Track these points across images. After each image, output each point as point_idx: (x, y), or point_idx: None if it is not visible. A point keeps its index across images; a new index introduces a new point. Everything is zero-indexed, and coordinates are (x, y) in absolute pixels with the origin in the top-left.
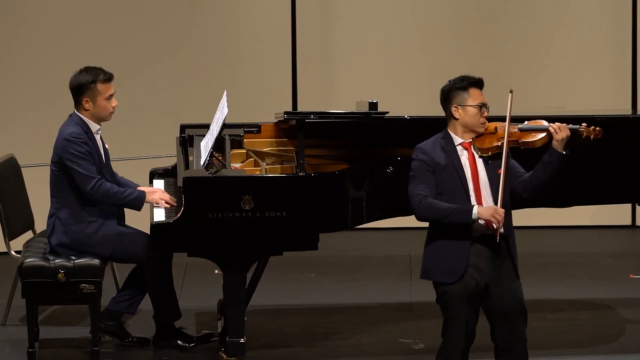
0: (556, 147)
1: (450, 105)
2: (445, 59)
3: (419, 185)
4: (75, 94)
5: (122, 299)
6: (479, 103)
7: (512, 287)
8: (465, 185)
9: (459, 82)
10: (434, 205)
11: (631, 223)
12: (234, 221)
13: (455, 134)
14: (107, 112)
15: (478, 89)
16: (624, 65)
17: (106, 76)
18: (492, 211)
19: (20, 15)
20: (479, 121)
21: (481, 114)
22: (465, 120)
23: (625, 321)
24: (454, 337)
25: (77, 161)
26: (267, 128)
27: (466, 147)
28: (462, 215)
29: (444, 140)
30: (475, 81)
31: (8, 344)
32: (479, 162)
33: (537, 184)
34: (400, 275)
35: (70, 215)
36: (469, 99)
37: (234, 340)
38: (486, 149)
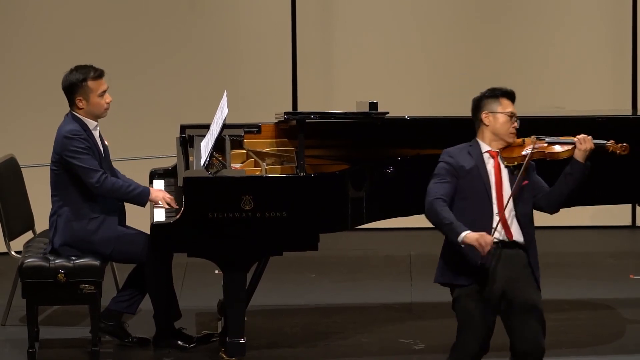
0: (577, 157)
1: (481, 112)
2: (445, 59)
3: (438, 185)
4: (68, 93)
5: (122, 299)
6: (509, 111)
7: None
8: (488, 191)
9: (490, 92)
10: (439, 210)
11: (631, 223)
12: (234, 221)
13: (483, 142)
14: (102, 109)
15: (509, 100)
16: (624, 65)
17: (96, 73)
18: (478, 236)
19: (20, 15)
20: (508, 130)
21: (511, 123)
22: (495, 127)
23: (626, 321)
24: (466, 340)
25: (79, 157)
26: (267, 128)
27: (493, 156)
28: (452, 232)
29: (472, 147)
30: (507, 92)
31: (8, 344)
32: (503, 172)
33: (559, 196)
34: (400, 275)
35: (71, 212)
36: (499, 107)
37: (234, 340)
38: (512, 158)
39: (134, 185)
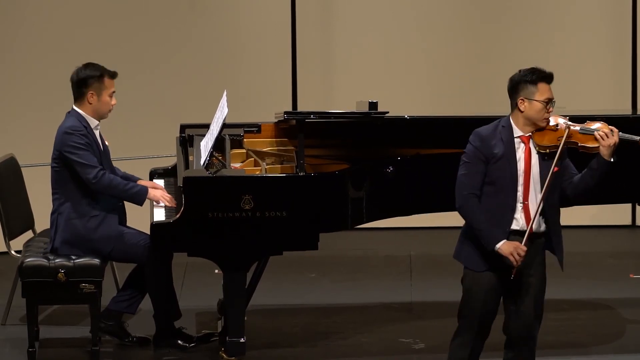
0: (603, 153)
1: (517, 96)
2: (445, 59)
3: (469, 176)
4: (79, 86)
5: (123, 298)
6: (546, 98)
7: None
8: (515, 179)
9: (529, 75)
10: (475, 210)
11: (631, 223)
12: (234, 221)
13: (516, 125)
14: (108, 109)
15: (547, 84)
16: (624, 65)
17: (112, 73)
18: (513, 249)
19: (20, 16)
20: (543, 116)
21: (547, 109)
22: (529, 114)
23: (626, 321)
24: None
25: (78, 152)
26: (267, 128)
27: (524, 141)
28: (487, 240)
29: (504, 130)
30: (545, 75)
31: (8, 343)
32: (534, 157)
33: (584, 188)
34: (401, 275)
35: (72, 209)
36: (536, 93)
37: (234, 340)
38: (545, 146)
39: (132, 184)
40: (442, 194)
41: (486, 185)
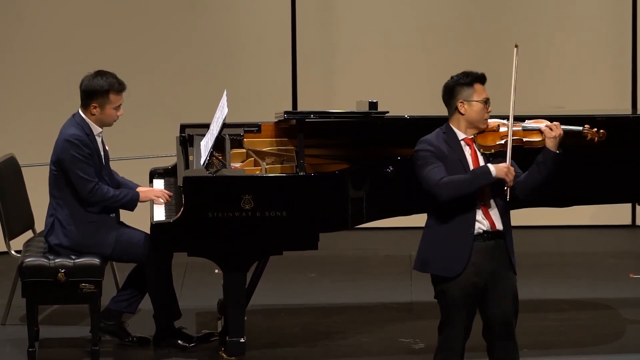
0: (549, 145)
1: (456, 100)
2: (445, 59)
3: (433, 170)
4: (85, 96)
5: (122, 298)
6: (484, 98)
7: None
8: None
9: (464, 78)
10: (453, 180)
11: (631, 223)
12: (234, 221)
13: (458, 129)
14: (112, 120)
15: (481, 84)
16: (624, 65)
17: (121, 87)
18: (506, 169)
19: (20, 16)
20: (484, 117)
21: (486, 109)
22: (471, 115)
23: (626, 321)
24: (451, 334)
25: (78, 164)
26: (267, 128)
27: (468, 143)
28: (482, 176)
29: (447, 135)
30: (479, 76)
31: (8, 343)
32: (480, 159)
33: (532, 185)
34: (401, 275)
35: (69, 215)
36: (474, 94)
37: (234, 340)
38: (489, 146)
39: (124, 192)
40: None
41: None
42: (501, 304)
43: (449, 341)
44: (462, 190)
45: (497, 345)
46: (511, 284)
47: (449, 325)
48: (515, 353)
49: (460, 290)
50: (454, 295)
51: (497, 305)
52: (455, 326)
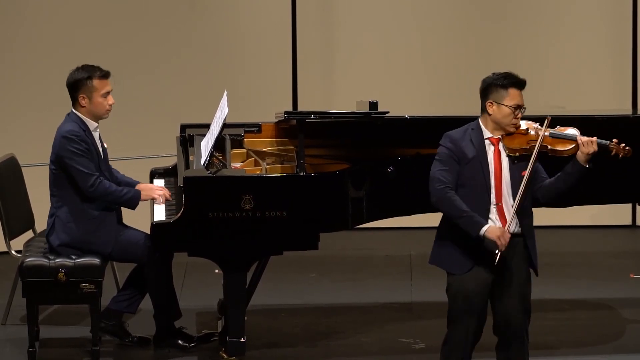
0: (580, 159)
1: (487, 99)
2: (445, 59)
3: (444, 172)
4: (71, 90)
5: (123, 298)
6: (515, 104)
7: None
8: (487, 180)
9: (501, 79)
10: (454, 201)
11: (631, 223)
12: (234, 221)
13: (485, 127)
14: (104, 110)
15: (518, 90)
16: (624, 65)
17: (102, 73)
18: (500, 233)
19: (20, 16)
20: (511, 121)
21: (515, 115)
22: (497, 117)
23: (626, 321)
24: (459, 328)
25: (76, 159)
26: (268, 128)
27: (494, 143)
28: (472, 226)
29: (474, 132)
30: (517, 81)
31: (8, 343)
32: (504, 160)
33: (556, 193)
34: (401, 275)
35: (70, 213)
36: (506, 98)
37: (234, 340)
38: (514, 149)
39: (126, 189)
40: None
41: (459, 187)
42: (511, 301)
43: (456, 334)
44: (451, 215)
45: (506, 342)
46: (523, 284)
47: (457, 318)
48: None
49: (469, 286)
50: (463, 291)
51: (507, 301)
52: (463, 320)
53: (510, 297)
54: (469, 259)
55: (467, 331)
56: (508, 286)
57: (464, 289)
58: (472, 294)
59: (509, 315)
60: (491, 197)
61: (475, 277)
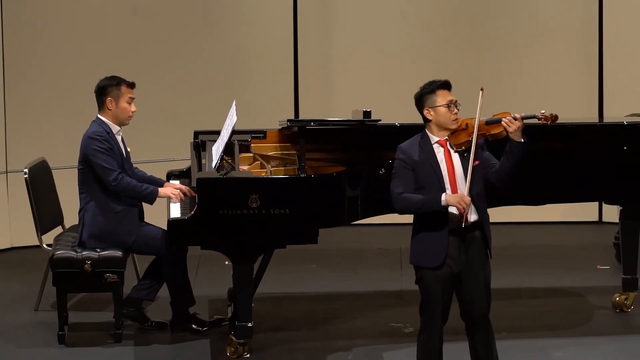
0: (512, 136)
1: (423, 109)
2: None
3: (397, 183)
4: (100, 95)
5: (142, 287)
6: (447, 101)
7: (481, 273)
8: (440, 179)
9: (427, 87)
10: (408, 198)
11: (598, 219)
12: (242, 218)
13: (431, 134)
14: (127, 115)
15: (445, 90)
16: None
17: (129, 82)
18: (459, 198)
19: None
20: (450, 118)
21: (451, 111)
22: (437, 119)
23: (593, 307)
24: (431, 316)
25: (100, 156)
26: (272, 134)
27: (442, 144)
28: (433, 204)
29: (422, 140)
30: (442, 83)
31: (41, 327)
32: (454, 157)
33: (505, 173)
34: (392, 266)
35: (96, 207)
36: (437, 100)
37: (243, 324)
38: (460, 144)
39: (146, 185)
40: None
41: (417, 190)
42: (474, 290)
43: (429, 322)
44: (414, 209)
45: (474, 326)
46: (485, 271)
47: (429, 308)
48: (489, 333)
49: (437, 277)
50: (432, 282)
51: (471, 291)
52: (434, 308)
53: (473, 286)
54: (440, 254)
55: (438, 317)
56: (472, 275)
57: (437, 283)
58: (443, 288)
59: (473, 301)
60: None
61: (445, 271)
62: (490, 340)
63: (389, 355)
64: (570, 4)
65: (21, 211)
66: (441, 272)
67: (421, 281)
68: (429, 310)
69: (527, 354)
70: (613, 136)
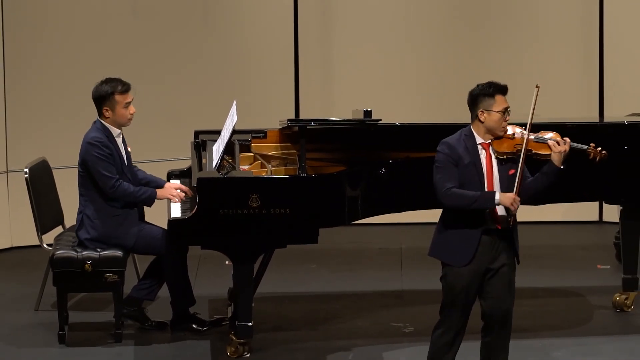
0: (554, 159)
1: (477, 108)
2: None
3: (444, 177)
4: (96, 103)
5: (143, 287)
6: (503, 109)
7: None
8: (482, 182)
9: (487, 89)
10: (459, 193)
11: (598, 219)
12: (242, 217)
13: (477, 134)
14: (125, 119)
15: (503, 96)
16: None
17: (124, 87)
18: (512, 199)
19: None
20: (501, 125)
21: (504, 119)
22: (489, 124)
23: (593, 307)
24: (451, 313)
25: (99, 163)
26: (273, 134)
27: (485, 147)
28: (486, 201)
29: (467, 138)
30: (501, 88)
31: (41, 327)
32: (494, 162)
33: (534, 191)
34: (392, 266)
35: (96, 211)
36: (494, 104)
37: (243, 324)
38: (503, 152)
39: (143, 189)
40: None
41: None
42: (500, 290)
43: (448, 319)
44: (465, 205)
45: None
46: (510, 274)
47: (450, 306)
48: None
49: (463, 277)
50: (457, 279)
51: (497, 290)
52: (456, 306)
53: (502, 291)
54: (469, 252)
55: (458, 317)
56: (499, 275)
57: (461, 281)
58: (467, 286)
59: (498, 300)
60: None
61: (472, 270)
62: (507, 340)
63: (389, 355)
64: (570, 4)
65: (21, 211)
66: (467, 270)
67: (445, 278)
68: (450, 308)
69: (527, 354)
70: (613, 136)
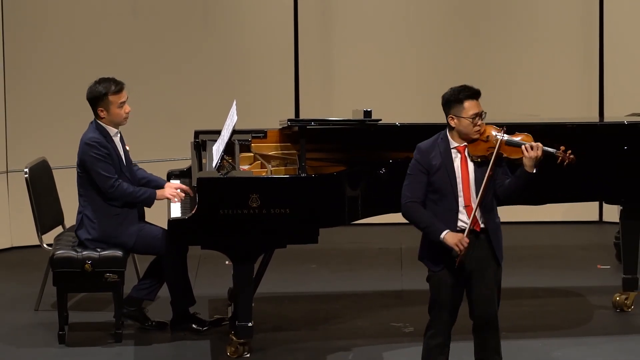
0: (526, 164)
1: (448, 114)
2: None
3: (409, 186)
4: (91, 104)
5: (143, 287)
6: (472, 114)
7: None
8: (454, 186)
9: (456, 95)
10: (416, 212)
11: (598, 219)
12: (242, 217)
13: (452, 138)
14: (121, 118)
15: (474, 100)
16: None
17: (117, 87)
18: (457, 240)
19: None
20: (473, 130)
21: (474, 123)
22: (459, 129)
23: (593, 307)
24: (438, 314)
25: (97, 163)
26: (273, 134)
27: (460, 151)
28: (433, 233)
29: (442, 142)
30: (471, 94)
31: (41, 327)
32: (470, 165)
33: (509, 193)
34: (392, 266)
35: (95, 211)
36: (463, 111)
37: (243, 324)
38: (477, 155)
39: (143, 190)
40: None
41: (431, 193)
42: (485, 290)
43: (437, 319)
44: (416, 225)
45: (483, 326)
46: (492, 274)
47: (437, 306)
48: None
49: (446, 277)
50: (441, 281)
51: (481, 291)
52: (442, 307)
53: (485, 292)
54: (441, 259)
55: (447, 316)
56: (481, 276)
57: (443, 281)
58: (449, 285)
59: (482, 302)
60: (459, 200)
61: (451, 271)
62: (497, 340)
63: (389, 355)
64: (570, 4)
65: (21, 211)
66: (448, 273)
67: (430, 279)
68: (436, 309)
69: (527, 354)
70: (613, 136)
